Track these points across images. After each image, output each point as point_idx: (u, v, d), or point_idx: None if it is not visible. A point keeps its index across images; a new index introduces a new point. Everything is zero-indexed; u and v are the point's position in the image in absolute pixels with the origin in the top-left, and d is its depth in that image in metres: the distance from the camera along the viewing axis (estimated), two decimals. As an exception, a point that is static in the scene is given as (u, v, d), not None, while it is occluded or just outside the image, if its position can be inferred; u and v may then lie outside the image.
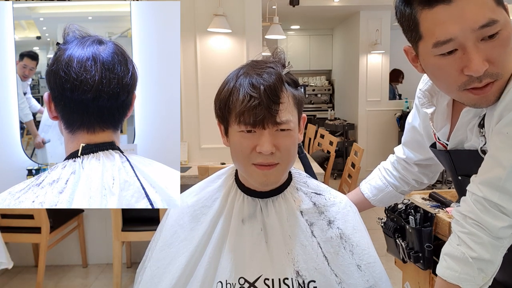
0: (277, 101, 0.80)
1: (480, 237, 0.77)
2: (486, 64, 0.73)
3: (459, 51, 0.74)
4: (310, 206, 0.92)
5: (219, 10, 3.17)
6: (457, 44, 0.74)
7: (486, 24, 0.71)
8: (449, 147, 0.97)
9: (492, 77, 0.75)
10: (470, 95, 0.78)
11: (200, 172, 2.57)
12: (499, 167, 0.76)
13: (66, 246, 3.19)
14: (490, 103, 0.79)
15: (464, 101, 0.83)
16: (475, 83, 0.76)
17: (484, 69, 0.73)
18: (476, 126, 0.88)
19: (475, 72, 0.73)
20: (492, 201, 0.77)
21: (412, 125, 1.15)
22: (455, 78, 0.77)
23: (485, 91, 0.77)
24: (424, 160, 1.18)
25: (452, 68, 0.76)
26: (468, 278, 0.78)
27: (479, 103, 0.80)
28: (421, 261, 1.44)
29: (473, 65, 0.73)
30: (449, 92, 0.83)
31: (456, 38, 0.73)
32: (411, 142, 1.18)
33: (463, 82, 0.76)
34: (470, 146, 0.91)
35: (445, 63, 0.76)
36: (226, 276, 0.85)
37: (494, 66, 0.74)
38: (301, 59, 7.69)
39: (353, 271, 0.88)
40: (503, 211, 0.76)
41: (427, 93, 1.00)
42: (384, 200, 1.26)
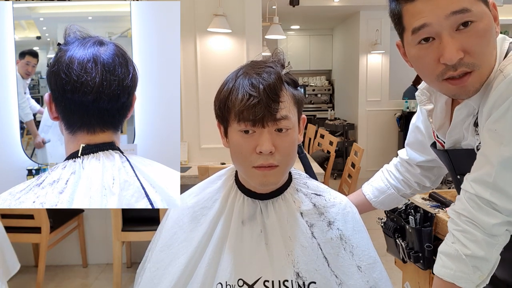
0: (276, 100, 0.80)
1: (474, 234, 0.78)
2: (460, 53, 0.76)
3: (436, 41, 0.77)
4: (310, 207, 0.92)
5: (219, 10, 3.17)
6: (433, 32, 0.77)
7: (458, 11, 0.74)
8: (446, 145, 0.98)
9: (468, 67, 0.77)
10: (449, 86, 0.80)
11: (200, 172, 2.57)
12: (488, 164, 0.77)
13: (66, 246, 3.19)
14: (469, 94, 0.81)
15: (445, 92, 0.86)
16: (450, 72, 0.78)
17: (458, 57, 0.76)
18: (471, 125, 0.89)
19: (449, 60, 0.76)
20: (484, 198, 0.78)
21: (416, 125, 1.16)
22: (433, 67, 0.80)
23: (462, 81, 0.79)
24: (427, 162, 1.18)
25: (430, 58, 0.79)
26: (463, 275, 0.78)
27: (458, 93, 0.82)
28: (421, 261, 1.44)
29: (447, 53, 0.76)
30: (431, 83, 0.86)
31: (431, 24, 0.76)
32: (414, 143, 1.19)
33: (440, 72, 0.79)
34: (467, 145, 0.92)
35: (424, 53, 0.80)
36: (225, 278, 0.85)
37: (470, 56, 0.77)
38: (301, 59, 7.69)
39: (353, 272, 0.88)
40: (496, 208, 0.77)
41: (425, 91, 1.01)
42: (386, 202, 1.26)
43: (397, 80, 6.47)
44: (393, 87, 6.12)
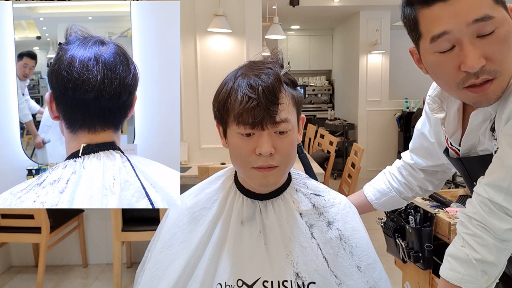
0: (275, 102, 0.79)
1: (485, 239, 0.77)
2: (482, 61, 0.74)
3: (457, 48, 0.75)
4: (309, 207, 0.92)
5: (219, 10, 3.17)
6: (454, 40, 0.74)
7: (480, 19, 0.72)
8: (461, 152, 0.96)
9: (490, 74, 0.75)
10: (470, 94, 0.78)
11: (200, 172, 2.57)
12: (504, 169, 0.76)
13: (66, 246, 3.19)
14: (490, 101, 0.79)
15: (465, 100, 0.83)
16: (472, 80, 0.76)
17: (480, 65, 0.74)
18: (488, 130, 0.87)
19: (471, 68, 0.74)
20: (497, 202, 0.76)
21: (421, 131, 1.14)
22: (453, 75, 0.77)
23: (483, 89, 0.77)
24: (432, 167, 1.17)
25: (450, 65, 0.77)
26: (471, 280, 0.77)
27: (479, 101, 0.80)
28: (421, 261, 1.44)
29: (469, 60, 0.73)
30: (450, 91, 0.83)
31: (451, 32, 0.74)
32: (419, 149, 1.17)
33: (461, 79, 0.77)
34: (484, 150, 0.90)
35: (443, 60, 0.77)
36: (225, 278, 0.85)
37: (492, 63, 0.74)
38: (301, 59, 7.70)
39: (353, 272, 0.88)
40: (508, 213, 0.76)
41: (436, 98, 0.99)
42: (387, 204, 1.25)
43: (397, 80, 6.48)
44: (393, 87, 6.13)
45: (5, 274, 3.08)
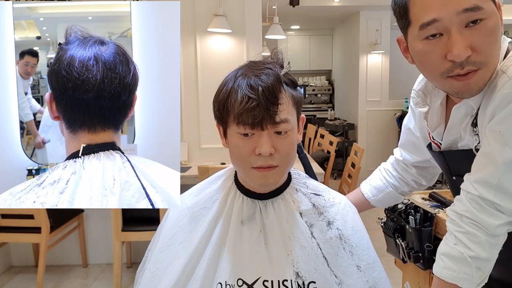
0: (275, 102, 0.79)
1: (477, 236, 0.78)
2: (468, 51, 0.74)
3: (444, 36, 0.76)
4: (309, 207, 0.92)
5: (219, 10, 3.17)
6: (442, 28, 0.75)
7: (470, 9, 0.73)
8: (442, 146, 0.98)
9: (475, 65, 0.76)
10: (454, 82, 0.79)
11: (200, 172, 2.57)
12: (493, 165, 0.77)
13: (66, 246, 3.19)
14: (473, 92, 0.80)
15: (448, 90, 0.84)
16: (457, 70, 0.77)
17: (466, 55, 0.74)
18: (469, 125, 0.88)
19: (457, 57, 0.75)
20: (487, 199, 0.77)
21: (408, 127, 1.16)
22: (439, 64, 0.78)
23: (467, 77, 0.77)
24: (421, 162, 1.18)
25: (436, 54, 0.78)
26: (466, 277, 0.78)
27: (462, 91, 0.81)
28: (421, 261, 1.44)
29: (456, 49, 0.74)
30: (434, 80, 0.84)
31: (441, 20, 0.75)
32: (407, 144, 1.19)
33: (446, 69, 0.78)
34: (464, 145, 0.91)
35: (430, 49, 0.78)
36: (225, 278, 0.85)
37: (477, 54, 0.75)
38: (301, 59, 7.70)
39: (353, 272, 0.88)
40: (499, 209, 0.77)
41: (420, 92, 1.00)
42: (384, 200, 1.26)
43: (397, 80, 6.46)
44: (393, 87, 6.13)
45: (5, 274, 3.08)
